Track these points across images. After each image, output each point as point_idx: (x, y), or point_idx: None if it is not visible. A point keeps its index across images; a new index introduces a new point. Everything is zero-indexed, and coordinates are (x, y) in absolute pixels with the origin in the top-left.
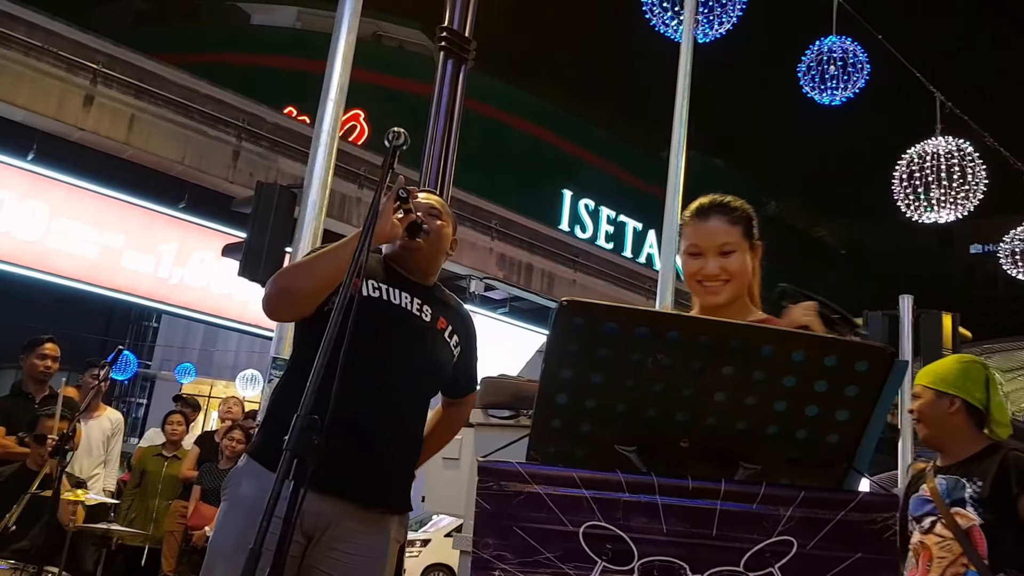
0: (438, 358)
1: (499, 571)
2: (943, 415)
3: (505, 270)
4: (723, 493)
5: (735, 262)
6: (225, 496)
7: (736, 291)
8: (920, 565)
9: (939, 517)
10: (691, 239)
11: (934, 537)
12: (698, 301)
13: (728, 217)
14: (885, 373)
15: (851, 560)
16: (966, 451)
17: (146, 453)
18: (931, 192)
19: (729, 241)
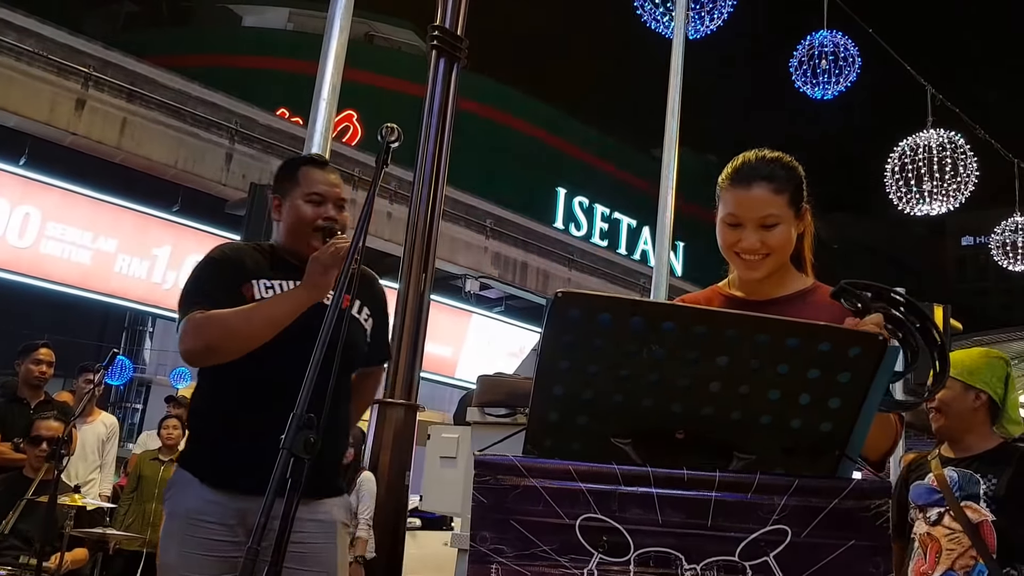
0: (349, 339)
1: (496, 564)
2: (967, 408)
3: (500, 269)
4: (718, 483)
5: (778, 236)
6: (165, 508)
7: (777, 264)
8: (929, 557)
9: (947, 509)
10: (730, 207)
11: (943, 529)
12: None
13: (774, 184)
14: (877, 359)
15: (845, 547)
16: (980, 446)
17: (142, 458)
18: (923, 184)
19: (773, 213)
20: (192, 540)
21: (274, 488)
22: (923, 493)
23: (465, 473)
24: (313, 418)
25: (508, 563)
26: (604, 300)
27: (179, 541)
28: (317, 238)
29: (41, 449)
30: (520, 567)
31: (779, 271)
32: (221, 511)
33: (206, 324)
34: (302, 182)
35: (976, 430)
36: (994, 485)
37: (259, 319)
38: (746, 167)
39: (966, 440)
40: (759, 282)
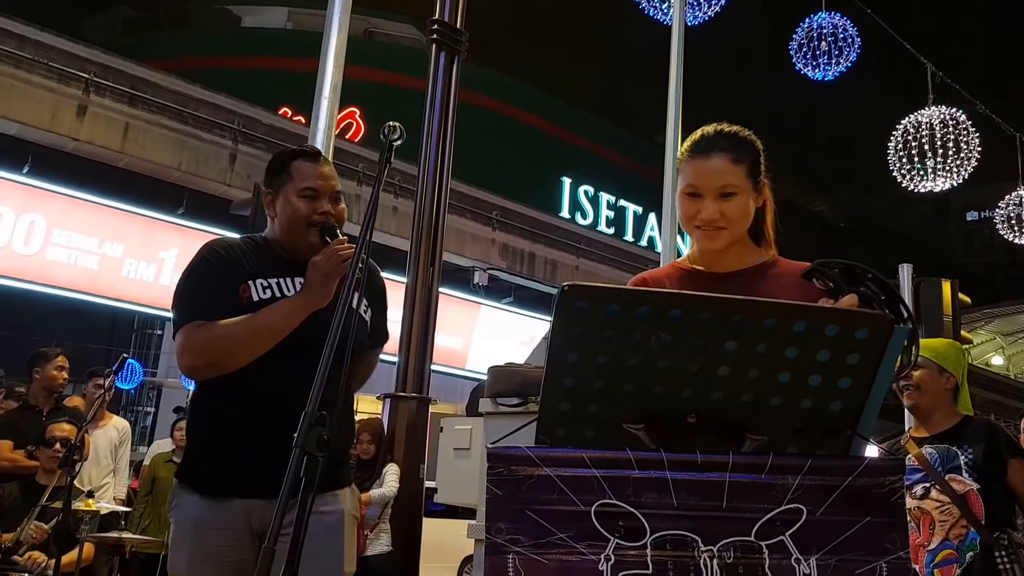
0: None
1: (513, 554)
2: (940, 388)
3: (508, 260)
4: (731, 465)
5: (736, 207)
6: (171, 517)
7: (735, 236)
8: (923, 530)
9: (932, 484)
10: (689, 178)
11: (932, 503)
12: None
13: (732, 155)
14: (885, 340)
15: (861, 524)
16: (948, 422)
17: (157, 460)
18: (926, 161)
19: (731, 183)
20: (200, 549)
21: (288, 487)
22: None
23: (480, 464)
24: (325, 415)
25: (525, 552)
26: (611, 291)
27: (187, 550)
28: (314, 234)
29: (54, 450)
30: (537, 556)
31: (739, 244)
32: (227, 517)
33: (207, 340)
34: (295, 176)
35: (944, 408)
36: (971, 454)
37: (261, 331)
38: (704, 139)
39: (935, 416)
40: (719, 255)
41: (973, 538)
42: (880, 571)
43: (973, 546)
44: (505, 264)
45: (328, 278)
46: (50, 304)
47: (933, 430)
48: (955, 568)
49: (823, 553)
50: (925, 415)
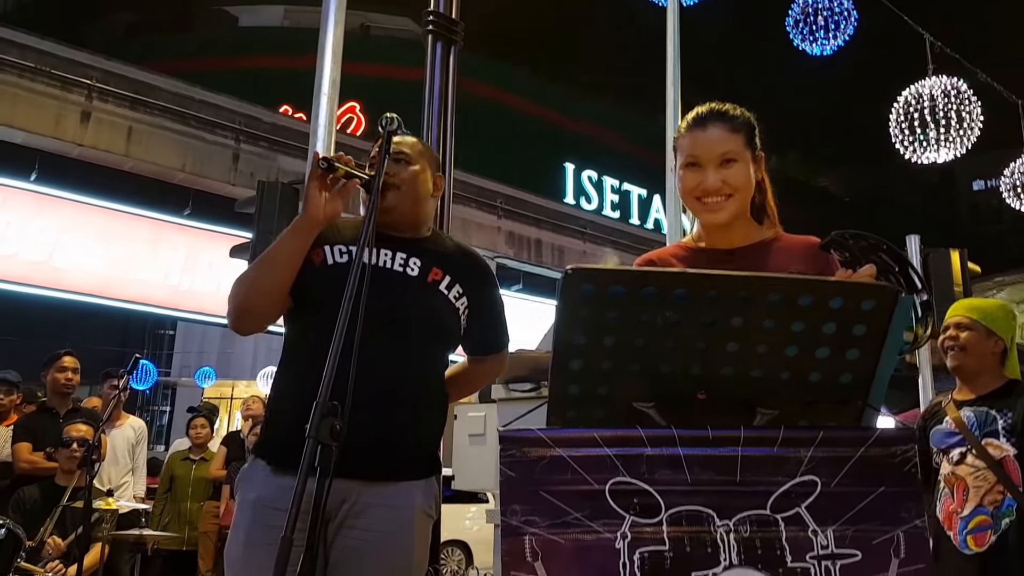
0: (428, 312)
1: (529, 536)
2: (988, 352)
3: (515, 248)
4: (743, 439)
5: (738, 174)
6: (235, 498)
7: (740, 207)
8: (956, 496)
9: (969, 448)
10: (688, 150)
11: (967, 468)
12: (699, 221)
13: (728, 125)
14: (891, 310)
15: (875, 494)
16: (992, 384)
17: (173, 458)
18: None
19: (730, 150)
20: (259, 530)
21: (304, 476)
22: (942, 437)
23: (494, 449)
24: (337, 405)
25: (541, 533)
26: (615, 273)
27: (245, 531)
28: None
29: (72, 451)
30: (554, 536)
31: (743, 220)
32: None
33: (234, 285)
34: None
35: (991, 371)
36: (1010, 418)
37: (264, 258)
38: (701, 114)
39: (980, 379)
40: (724, 231)
41: (1010, 504)
42: (897, 540)
43: (1009, 512)
44: (512, 252)
45: (309, 185)
46: (62, 309)
47: (978, 392)
48: (989, 535)
49: (839, 524)
50: (970, 377)
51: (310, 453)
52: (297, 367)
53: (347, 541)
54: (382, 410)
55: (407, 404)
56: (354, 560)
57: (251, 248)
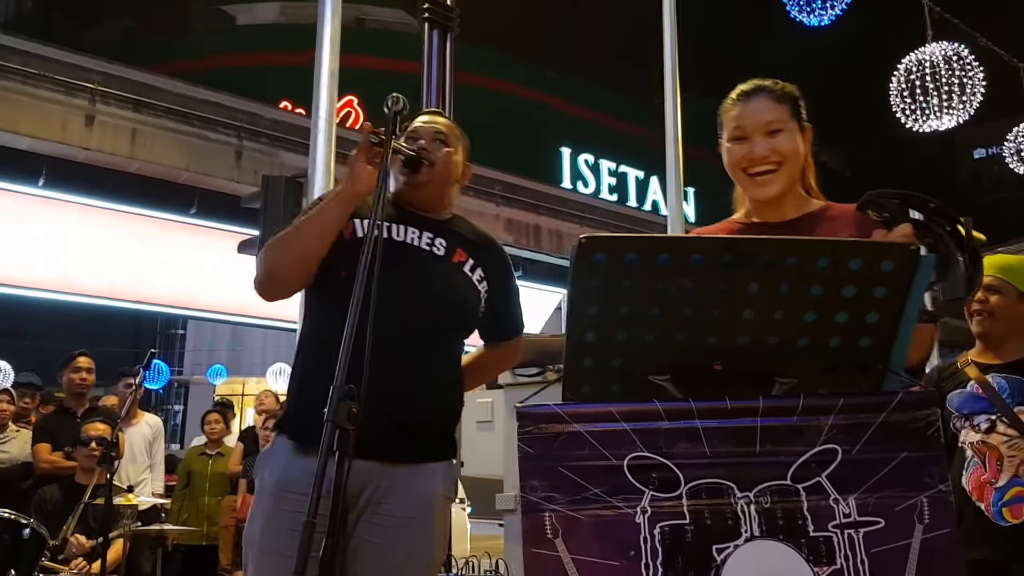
0: (454, 292)
1: (549, 512)
2: (1019, 317)
3: (514, 234)
4: (762, 410)
5: (785, 142)
6: (256, 481)
7: (789, 178)
8: (989, 466)
9: (999, 416)
10: (734, 122)
11: (999, 437)
12: (747, 198)
13: (773, 96)
14: (912, 271)
15: (898, 460)
16: (1022, 351)
17: (190, 454)
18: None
19: (776, 119)
20: (279, 514)
21: (323, 460)
22: (967, 401)
23: (503, 435)
24: (354, 388)
25: (561, 509)
26: (630, 240)
27: (265, 514)
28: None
29: (91, 449)
30: (574, 512)
31: (792, 193)
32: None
33: (263, 251)
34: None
35: (1019, 335)
36: None
37: (302, 224)
38: (745, 89)
39: (1008, 345)
40: (774, 204)
41: None
42: (921, 506)
43: None
44: (512, 239)
45: (352, 161)
46: (74, 312)
47: (1004, 358)
48: None
49: (861, 492)
50: (997, 343)
51: (328, 437)
52: (321, 339)
53: (369, 527)
54: (403, 389)
55: (428, 384)
56: (377, 546)
57: (258, 243)
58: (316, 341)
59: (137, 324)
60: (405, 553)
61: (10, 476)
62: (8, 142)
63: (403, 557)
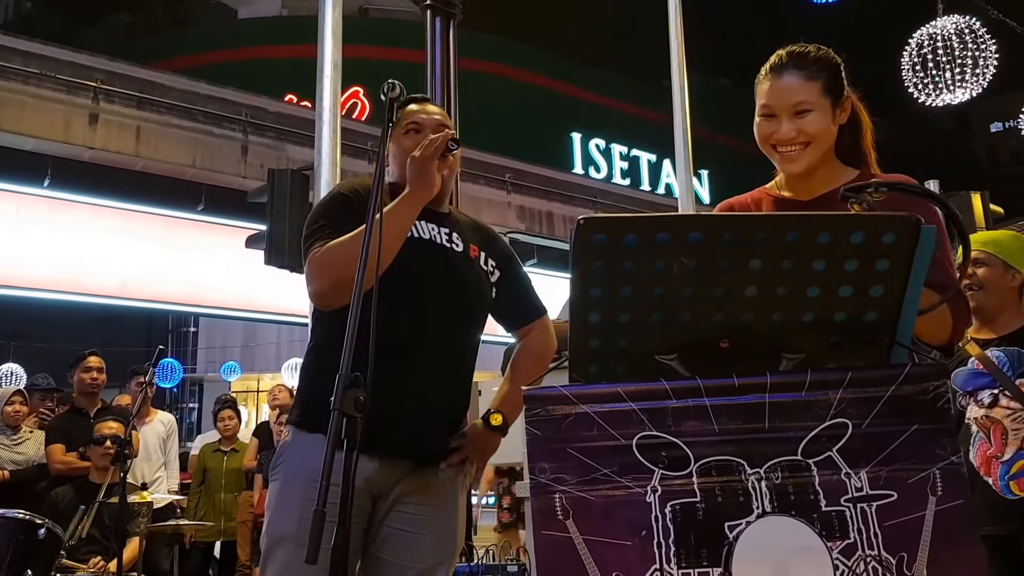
0: (480, 288)
1: (559, 493)
2: (1006, 287)
3: (526, 222)
4: (770, 386)
5: (813, 123)
6: (279, 474)
7: (817, 156)
8: (994, 440)
9: (1001, 389)
10: (763, 99)
11: (1002, 410)
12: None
13: (805, 72)
14: (914, 242)
15: (908, 432)
16: (1014, 323)
17: (205, 451)
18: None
19: (805, 100)
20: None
21: (332, 447)
22: (968, 378)
23: (521, 423)
24: (360, 376)
25: (571, 490)
26: (628, 220)
27: (301, 506)
28: None
29: (106, 448)
30: (583, 492)
31: (825, 167)
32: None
33: (327, 258)
34: (402, 119)
35: (1011, 308)
36: None
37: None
38: (778, 60)
39: (1001, 318)
40: (805, 178)
41: None
42: (934, 478)
43: None
44: (524, 226)
45: (425, 163)
46: (85, 312)
47: (1000, 331)
48: None
49: (873, 465)
50: (990, 317)
51: (335, 425)
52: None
53: (399, 517)
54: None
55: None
56: (407, 534)
57: (266, 237)
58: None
59: (149, 323)
60: (433, 539)
61: (26, 477)
62: (12, 143)
63: (431, 543)
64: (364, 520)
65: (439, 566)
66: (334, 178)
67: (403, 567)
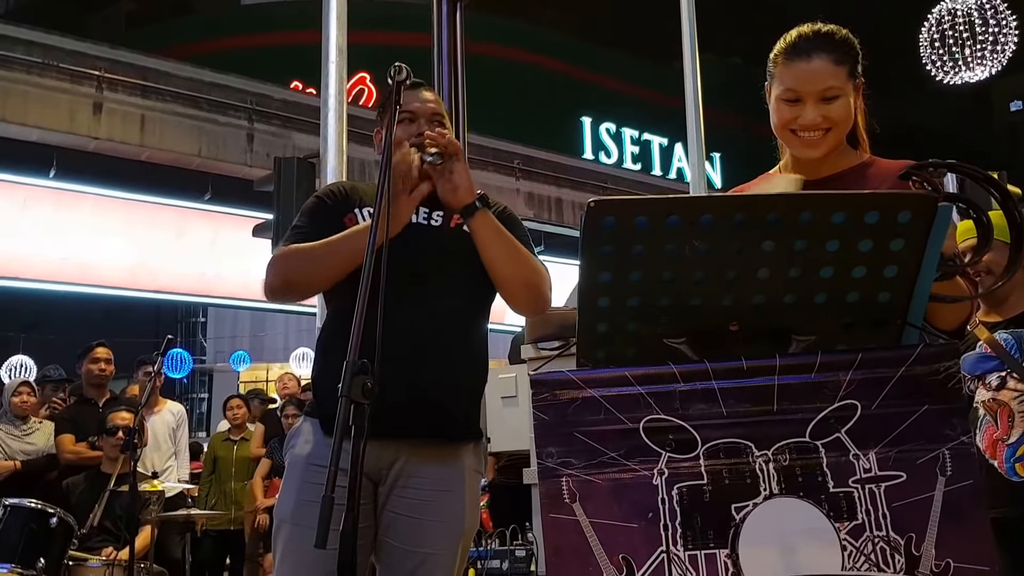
0: (463, 257)
1: (566, 477)
2: None
3: (535, 208)
4: (779, 368)
5: (839, 109)
6: (285, 459)
7: (837, 141)
8: (1000, 423)
9: (1008, 372)
10: (788, 83)
11: (1009, 393)
12: (788, 152)
13: (834, 56)
14: (929, 221)
15: (918, 413)
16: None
17: (215, 440)
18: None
19: (834, 85)
20: (311, 488)
21: (339, 435)
22: (976, 362)
23: (529, 409)
24: (367, 363)
25: (578, 474)
26: (638, 203)
27: (297, 489)
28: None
29: (117, 438)
30: (590, 476)
31: (834, 151)
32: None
33: (284, 258)
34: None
35: (1019, 290)
36: None
37: (336, 246)
38: (803, 40)
39: (1012, 299)
40: (816, 161)
41: None
42: (943, 458)
43: None
44: (532, 213)
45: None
46: (94, 304)
47: (1007, 314)
48: None
49: (881, 446)
50: (999, 300)
51: (344, 412)
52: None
53: (401, 501)
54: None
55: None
56: (410, 518)
57: (273, 225)
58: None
59: (157, 314)
60: (437, 523)
61: (36, 468)
62: (17, 134)
63: (435, 527)
64: (371, 501)
65: (445, 550)
66: (340, 166)
67: (409, 552)
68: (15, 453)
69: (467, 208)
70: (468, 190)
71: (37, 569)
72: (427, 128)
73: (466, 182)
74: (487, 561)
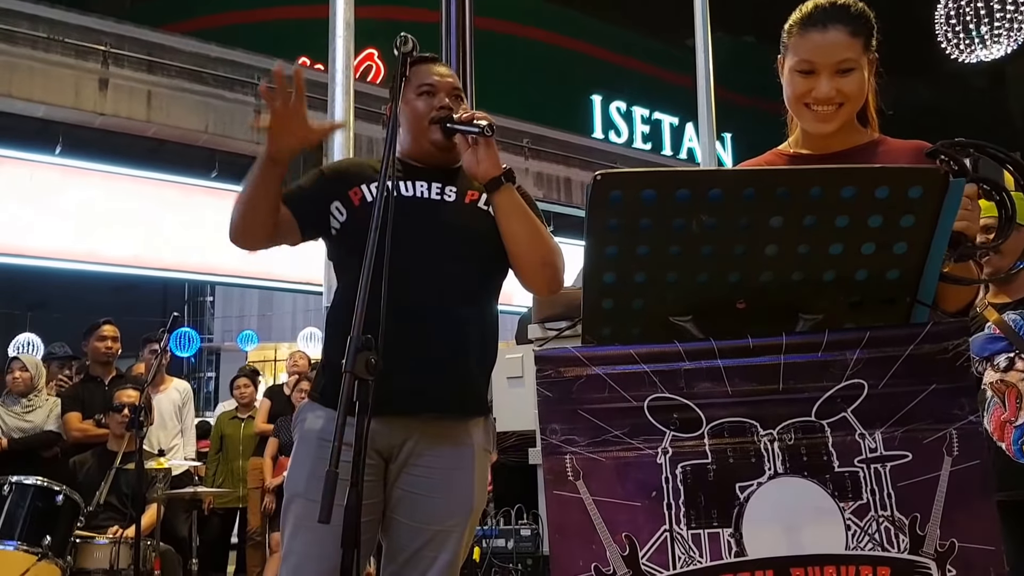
0: (476, 233)
1: (570, 455)
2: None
3: (544, 188)
4: (785, 347)
5: (853, 82)
6: (295, 435)
7: (849, 116)
8: (1008, 404)
9: (1017, 353)
10: (803, 54)
11: (1017, 374)
12: (799, 125)
13: (851, 27)
14: (940, 196)
15: (926, 392)
16: None
17: (222, 419)
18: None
19: (849, 57)
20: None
21: (343, 411)
22: (984, 344)
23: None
24: (371, 339)
25: (581, 451)
26: (646, 176)
27: (309, 465)
28: (436, 131)
29: (123, 415)
30: (594, 454)
31: (845, 126)
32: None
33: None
34: (412, 78)
35: None
36: None
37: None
38: (820, 10)
39: (1018, 280)
40: (826, 136)
41: None
42: (950, 438)
43: None
44: (541, 193)
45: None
46: (101, 281)
47: (1015, 295)
48: None
49: (888, 426)
50: (1008, 279)
51: (348, 388)
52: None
53: (411, 479)
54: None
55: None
56: (419, 496)
57: None
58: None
59: (165, 292)
60: (446, 500)
61: (32, 444)
62: (22, 110)
63: (444, 504)
64: (380, 478)
65: (454, 528)
66: (348, 142)
67: (417, 528)
68: (10, 431)
69: (493, 181)
70: (496, 163)
71: (43, 547)
72: (448, 101)
73: (495, 155)
74: (492, 540)
